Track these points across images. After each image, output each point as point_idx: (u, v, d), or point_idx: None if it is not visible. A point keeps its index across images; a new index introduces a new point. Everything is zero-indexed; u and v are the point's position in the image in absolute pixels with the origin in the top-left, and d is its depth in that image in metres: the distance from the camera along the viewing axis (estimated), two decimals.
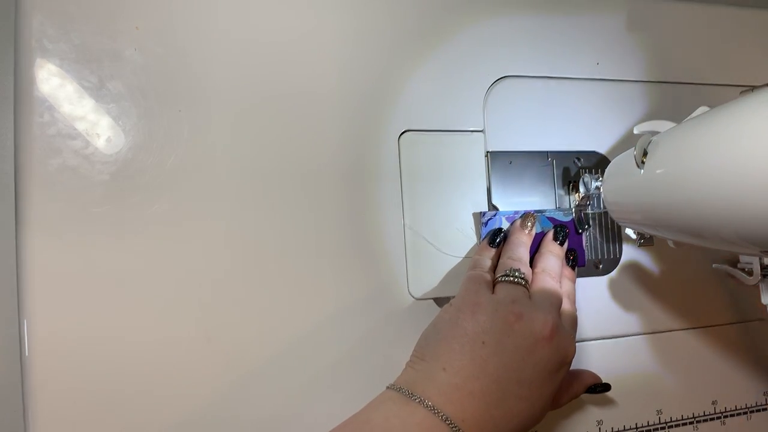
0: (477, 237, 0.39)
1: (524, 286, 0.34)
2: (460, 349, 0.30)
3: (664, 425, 0.42)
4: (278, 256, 0.35)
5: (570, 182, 0.42)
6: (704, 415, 0.42)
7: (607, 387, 0.38)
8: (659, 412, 0.41)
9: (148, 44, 0.34)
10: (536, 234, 0.37)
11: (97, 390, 0.31)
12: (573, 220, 0.39)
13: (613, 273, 0.42)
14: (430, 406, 0.28)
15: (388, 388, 0.31)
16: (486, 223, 0.38)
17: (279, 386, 0.35)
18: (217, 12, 0.35)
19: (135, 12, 0.34)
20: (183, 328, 0.33)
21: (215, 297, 0.34)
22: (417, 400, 0.29)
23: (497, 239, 0.37)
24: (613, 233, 0.42)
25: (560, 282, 0.36)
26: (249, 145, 0.35)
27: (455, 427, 0.28)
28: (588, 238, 0.42)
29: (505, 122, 0.41)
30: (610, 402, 0.41)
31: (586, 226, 0.41)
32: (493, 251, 0.36)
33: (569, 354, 0.32)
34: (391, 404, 0.29)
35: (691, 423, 0.42)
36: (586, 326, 0.40)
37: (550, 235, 0.38)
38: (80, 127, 0.33)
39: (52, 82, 0.32)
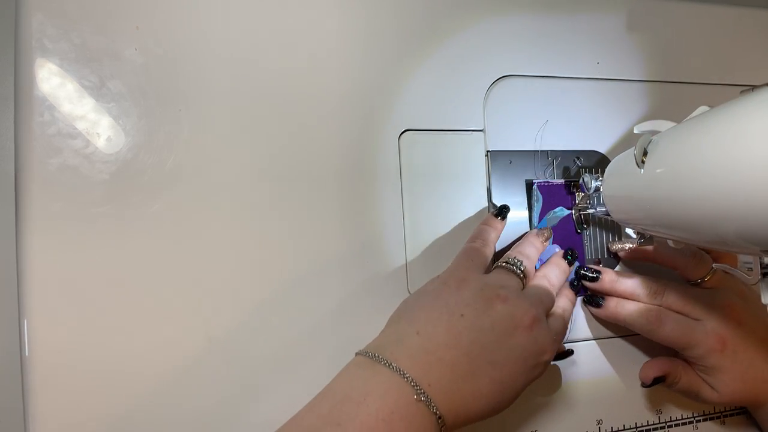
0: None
1: (520, 277, 0.33)
2: (437, 317, 0.30)
3: (664, 425, 0.41)
4: (278, 255, 0.35)
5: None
6: (704, 415, 0.42)
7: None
8: (659, 411, 0.41)
9: (148, 44, 0.34)
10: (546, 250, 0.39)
11: (97, 390, 0.31)
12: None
13: None
14: (396, 368, 0.28)
15: (357, 354, 0.30)
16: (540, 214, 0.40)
17: (280, 385, 0.35)
18: (217, 12, 0.35)
19: (135, 12, 0.34)
20: (183, 327, 0.33)
21: (216, 297, 0.34)
22: (383, 363, 0.28)
23: (504, 212, 0.37)
24: (613, 233, 0.42)
25: (558, 295, 0.36)
26: (249, 145, 0.35)
27: (420, 389, 0.27)
28: (588, 237, 0.42)
29: (505, 122, 0.41)
30: (610, 402, 0.41)
31: (585, 226, 0.41)
32: (498, 224, 0.36)
33: (546, 352, 0.31)
34: (355, 368, 0.29)
35: (690, 423, 0.42)
36: (586, 326, 0.40)
37: (561, 252, 0.38)
38: (80, 126, 0.33)
39: (52, 82, 0.32)
